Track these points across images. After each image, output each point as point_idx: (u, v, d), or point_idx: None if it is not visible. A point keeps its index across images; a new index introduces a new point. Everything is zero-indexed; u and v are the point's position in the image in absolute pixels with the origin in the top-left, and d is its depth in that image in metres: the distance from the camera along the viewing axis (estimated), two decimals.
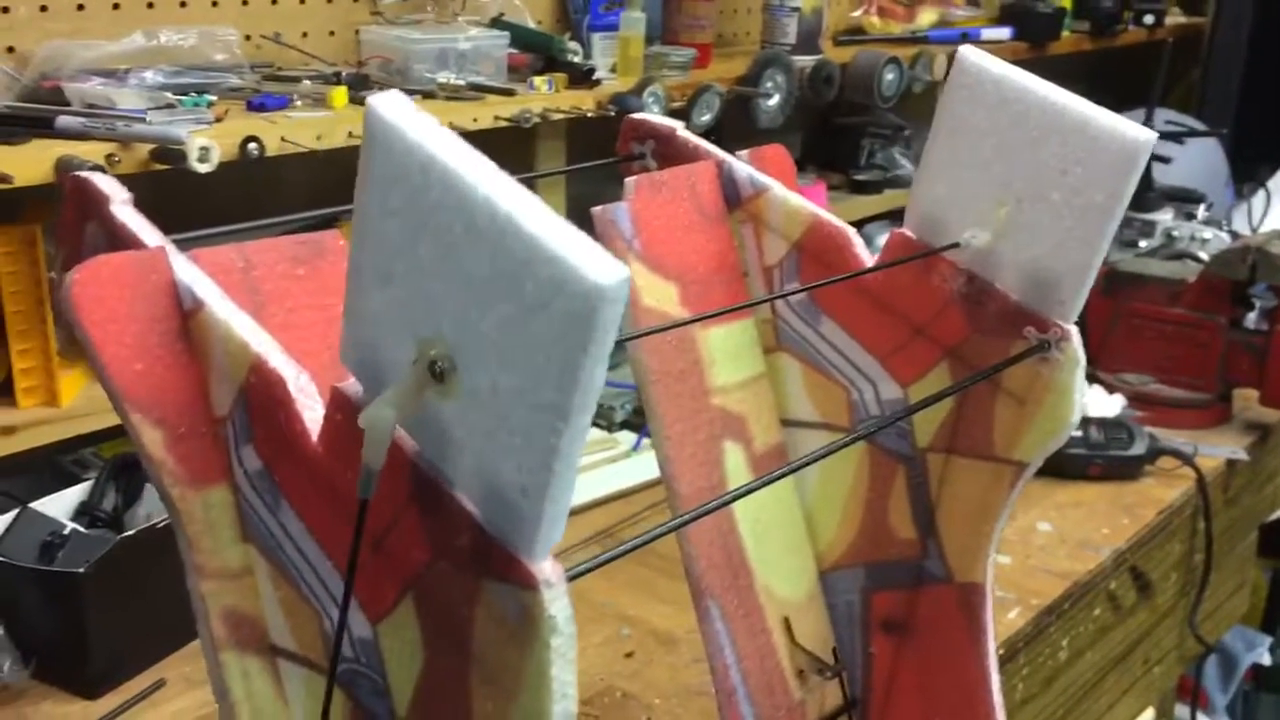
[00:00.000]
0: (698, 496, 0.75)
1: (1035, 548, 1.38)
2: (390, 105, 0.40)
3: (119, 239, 0.56)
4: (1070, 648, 1.36)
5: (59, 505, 1.18)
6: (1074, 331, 0.69)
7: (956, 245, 0.67)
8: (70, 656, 1.09)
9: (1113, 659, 1.46)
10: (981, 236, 0.66)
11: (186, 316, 0.53)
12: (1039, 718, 1.34)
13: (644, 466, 1.48)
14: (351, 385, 0.47)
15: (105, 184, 0.57)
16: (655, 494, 1.42)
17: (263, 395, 0.51)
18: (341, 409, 0.47)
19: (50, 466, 1.29)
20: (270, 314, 0.57)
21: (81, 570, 1.05)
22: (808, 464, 0.60)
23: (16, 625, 1.08)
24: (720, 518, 0.77)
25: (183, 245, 0.57)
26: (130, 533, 1.11)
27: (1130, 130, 0.62)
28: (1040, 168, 0.64)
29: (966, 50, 0.67)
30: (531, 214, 0.37)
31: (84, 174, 0.58)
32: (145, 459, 0.53)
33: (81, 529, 1.16)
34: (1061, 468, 1.49)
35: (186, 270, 0.54)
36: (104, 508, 1.19)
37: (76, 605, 1.07)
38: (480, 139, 1.04)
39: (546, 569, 0.41)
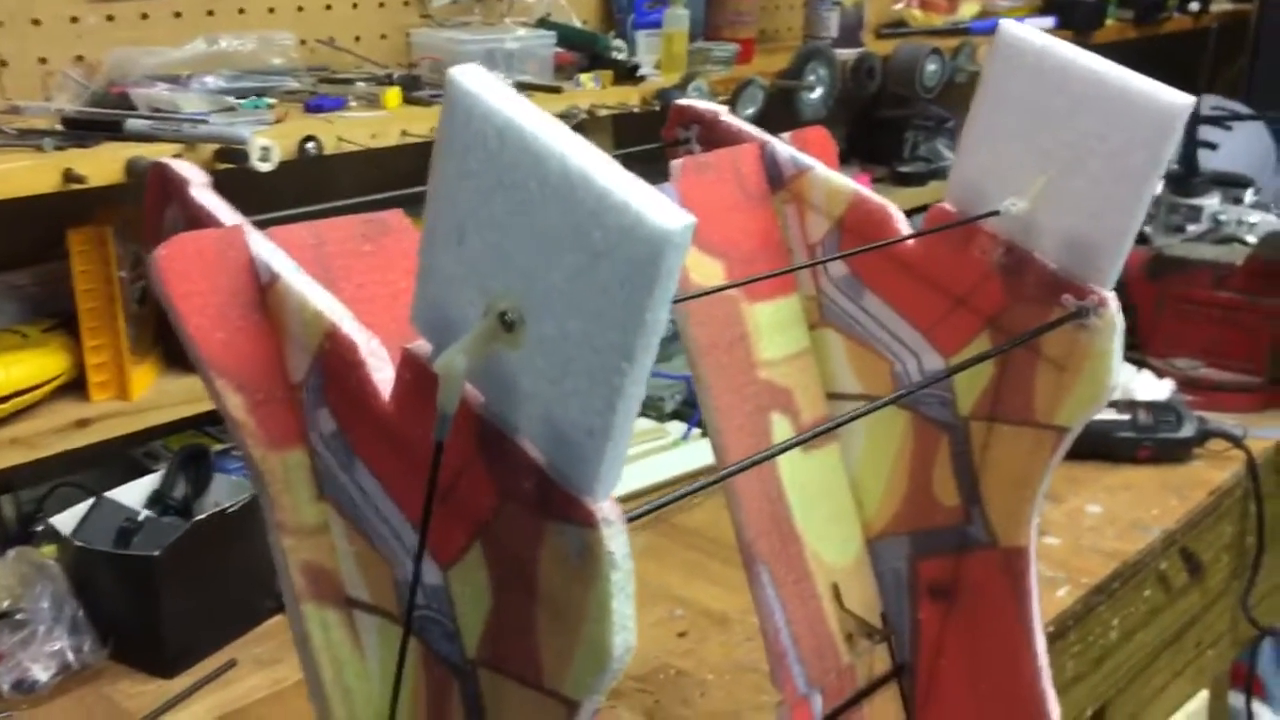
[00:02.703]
0: None
1: (1084, 529, 1.38)
2: (470, 75, 0.43)
3: (198, 220, 0.59)
4: (1120, 628, 1.36)
5: (132, 494, 1.23)
6: (1111, 298, 0.71)
7: (996, 213, 0.69)
8: (146, 637, 1.13)
9: (1164, 640, 1.46)
10: (1020, 204, 0.68)
11: (263, 289, 0.57)
12: (1090, 696, 1.34)
13: (692, 455, 1.50)
14: (420, 345, 0.50)
15: (185, 169, 0.61)
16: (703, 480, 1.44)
17: (336, 360, 0.54)
18: (411, 368, 0.50)
19: (121, 458, 1.34)
20: (340, 289, 0.61)
21: (156, 553, 1.10)
22: (848, 421, 0.63)
23: (95, 607, 1.13)
24: (769, 486, 0.80)
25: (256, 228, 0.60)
26: (201, 517, 1.15)
27: (1168, 95, 0.64)
28: (1079, 135, 0.67)
29: (1007, 23, 0.69)
30: (601, 169, 0.40)
31: (164, 160, 0.61)
32: (229, 422, 0.56)
33: (154, 516, 1.20)
34: (1110, 451, 1.49)
35: (263, 246, 0.57)
36: (175, 496, 1.23)
37: (152, 587, 1.11)
38: None
39: (606, 508, 0.44)
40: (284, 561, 0.57)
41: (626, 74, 1.56)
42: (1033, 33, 0.69)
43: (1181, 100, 0.65)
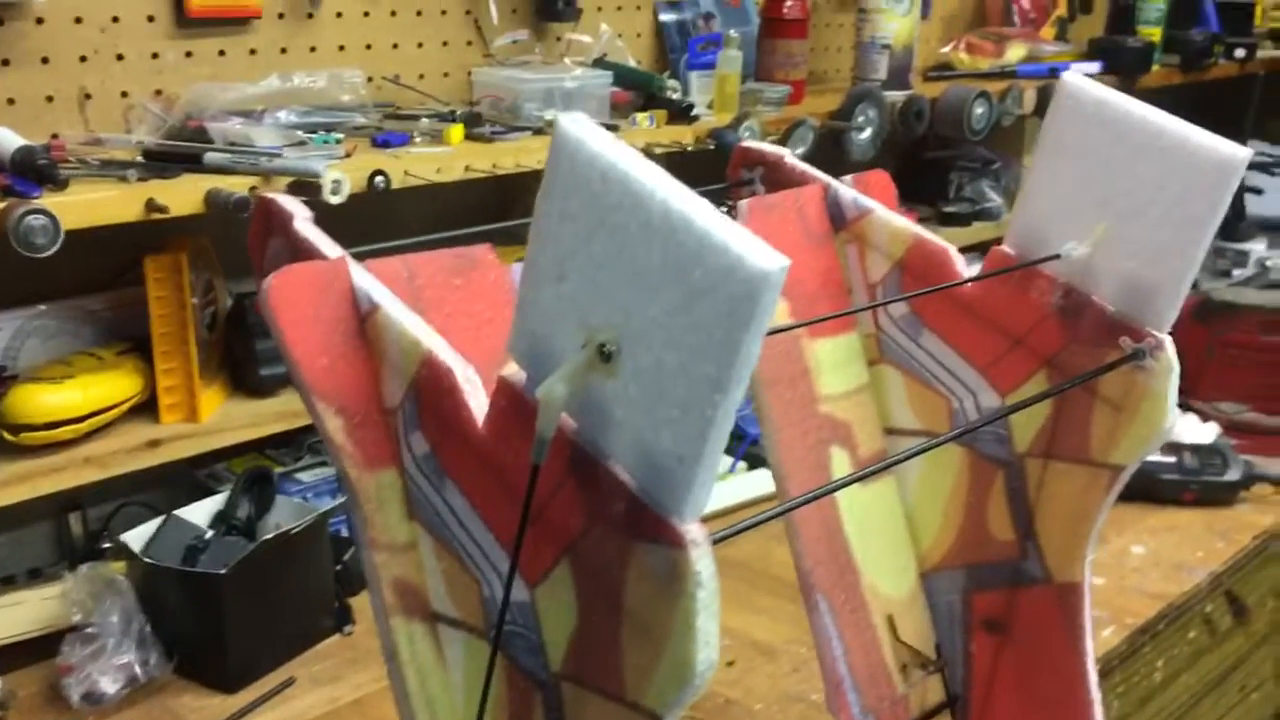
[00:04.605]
0: None
1: (1129, 569, 1.39)
2: (575, 123, 0.47)
3: (302, 252, 0.63)
4: (1165, 669, 1.37)
5: (198, 514, 1.27)
6: (1168, 340, 0.73)
7: (1057, 257, 0.72)
8: (210, 653, 1.16)
9: (1208, 683, 1.47)
10: (1081, 249, 0.71)
11: (364, 318, 0.60)
12: None
13: (739, 488, 1.52)
14: (515, 373, 0.53)
15: (289, 204, 0.65)
16: (751, 513, 1.46)
17: (432, 385, 0.57)
18: (506, 395, 0.53)
19: (185, 479, 1.38)
20: (430, 319, 0.64)
21: (223, 571, 1.13)
22: (908, 458, 0.65)
23: (161, 623, 1.17)
24: (828, 518, 0.82)
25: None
26: (267, 537, 1.19)
27: (1226, 147, 0.67)
28: (1139, 183, 0.69)
29: (1069, 75, 0.72)
30: (701, 212, 0.43)
31: (270, 195, 0.65)
32: (328, 443, 0.59)
33: (219, 535, 1.24)
34: (1155, 493, 1.50)
35: (363, 277, 0.60)
36: (239, 516, 1.27)
37: (217, 604, 1.15)
38: None
39: (694, 530, 0.47)
40: (375, 577, 0.60)
41: (681, 114, 1.60)
42: (1093, 85, 0.71)
43: (1240, 153, 0.67)
